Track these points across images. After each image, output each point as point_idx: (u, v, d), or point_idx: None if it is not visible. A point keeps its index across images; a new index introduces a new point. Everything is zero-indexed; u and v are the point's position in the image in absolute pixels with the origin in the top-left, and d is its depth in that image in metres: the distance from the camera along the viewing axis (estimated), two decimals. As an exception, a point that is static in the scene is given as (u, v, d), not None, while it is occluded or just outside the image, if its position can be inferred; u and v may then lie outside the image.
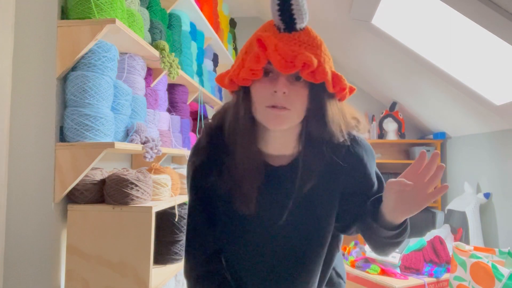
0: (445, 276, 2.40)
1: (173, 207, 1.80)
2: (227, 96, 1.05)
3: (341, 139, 0.85)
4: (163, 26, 2.02)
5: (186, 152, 2.20)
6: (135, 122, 1.70)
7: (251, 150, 0.85)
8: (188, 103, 2.52)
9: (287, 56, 0.74)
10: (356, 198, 0.93)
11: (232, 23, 4.01)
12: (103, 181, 1.59)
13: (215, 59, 3.28)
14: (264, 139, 0.88)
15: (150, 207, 1.51)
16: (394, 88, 3.75)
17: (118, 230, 1.50)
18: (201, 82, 2.72)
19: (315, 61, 0.75)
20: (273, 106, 0.78)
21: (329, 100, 0.82)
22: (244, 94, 0.83)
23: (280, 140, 0.87)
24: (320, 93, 0.80)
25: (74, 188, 1.52)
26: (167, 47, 1.93)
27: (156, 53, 1.86)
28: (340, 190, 0.92)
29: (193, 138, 2.53)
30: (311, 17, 0.88)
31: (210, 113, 2.85)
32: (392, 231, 0.84)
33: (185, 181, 1.59)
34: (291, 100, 0.78)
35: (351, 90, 0.86)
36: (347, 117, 0.88)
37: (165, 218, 1.85)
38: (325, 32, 3.39)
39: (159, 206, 1.59)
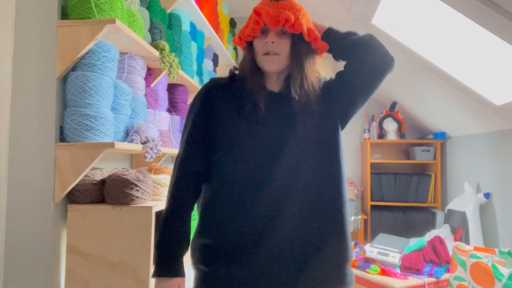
0: (445, 276, 2.40)
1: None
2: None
3: (312, 74, 1.15)
4: (163, 26, 2.02)
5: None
6: (135, 122, 1.70)
7: (256, 83, 1.14)
8: (188, 103, 2.52)
9: (274, 16, 1.09)
10: (344, 91, 1.17)
11: (232, 23, 4.01)
12: (103, 181, 1.59)
13: (215, 59, 3.28)
14: (266, 79, 1.17)
15: (150, 207, 1.51)
16: (394, 88, 3.75)
17: (118, 230, 1.50)
18: (201, 82, 2.72)
19: (292, 17, 1.08)
20: (267, 53, 1.11)
21: (305, 47, 1.13)
22: (249, 47, 1.16)
23: (276, 80, 1.17)
24: (299, 41, 1.12)
25: (74, 188, 1.52)
26: (167, 47, 1.93)
27: (156, 53, 1.86)
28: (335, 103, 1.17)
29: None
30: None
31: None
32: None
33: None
34: (279, 47, 1.10)
35: (324, 46, 1.19)
36: (316, 66, 1.19)
37: (165, 218, 1.84)
38: (325, 32, 3.40)
39: (159, 206, 1.59)
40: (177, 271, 1.08)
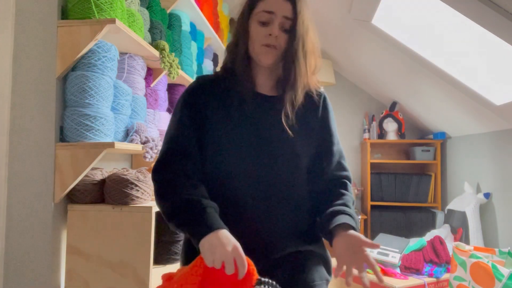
0: (445, 276, 2.40)
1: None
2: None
3: (306, 82, 1.09)
4: (163, 26, 2.02)
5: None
6: (135, 122, 1.70)
7: (247, 81, 1.08)
8: (188, 103, 2.52)
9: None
10: (320, 149, 1.12)
11: (232, 23, 4.02)
12: (103, 181, 1.59)
13: (215, 59, 3.28)
14: (256, 77, 1.11)
15: (150, 207, 1.51)
16: (394, 88, 3.75)
17: (118, 230, 1.50)
18: (201, 82, 2.71)
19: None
20: (267, 45, 1.04)
21: (302, 49, 1.05)
22: (244, 34, 1.07)
23: (266, 79, 1.12)
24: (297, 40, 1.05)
25: (74, 188, 1.52)
26: (167, 47, 1.93)
27: (156, 53, 1.86)
28: (315, 131, 1.12)
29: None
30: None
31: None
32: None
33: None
34: (279, 42, 1.04)
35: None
36: (313, 70, 1.10)
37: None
38: (325, 32, 3.40)
39: (159, 206, 1.59)
40: (214, 224, 0.91)
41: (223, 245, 0.86)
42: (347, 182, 1.13)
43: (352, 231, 0.96)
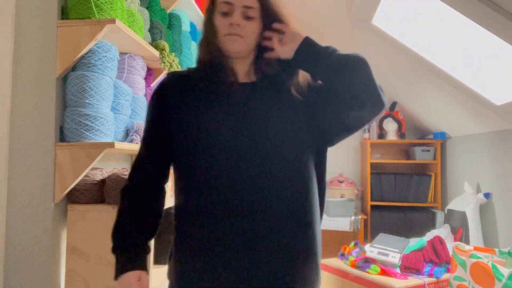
0: (445, 276, 2.40)
1: (172, 207, 1.79)
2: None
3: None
4: (163, 26, 2.02)
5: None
6: (135, 122, 1.70)
7: (224, 68, 1.05)
8: (188, 103, 2.52)
9: None
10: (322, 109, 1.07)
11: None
12: (103, 181, 1.59)
13: (215, 59, 3.28)
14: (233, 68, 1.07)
15: (150, 207, 1.51)
16: (394, 88, 3.75)
17: (118, 230, 1.50)
18: (201, 82, 2.71)
19: None
20: (230, 34, 1.01)
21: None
22: (209, 23, 1.05)
23: (243, 67, 1.08)
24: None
25: (74, 188, 1.52)
26: (167, 47, 1.93)
27: (156, 53, 1.86)
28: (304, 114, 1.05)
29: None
30: (311, 16, 0.96)
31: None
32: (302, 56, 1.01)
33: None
34: (244, 31, 1.01)
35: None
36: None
37: (164, 218, 1.84)
38: (325, 32, 3.40)
39: (159, 206, 1.59)
40: (134, 263, 1.09)
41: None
42: None
43: None
